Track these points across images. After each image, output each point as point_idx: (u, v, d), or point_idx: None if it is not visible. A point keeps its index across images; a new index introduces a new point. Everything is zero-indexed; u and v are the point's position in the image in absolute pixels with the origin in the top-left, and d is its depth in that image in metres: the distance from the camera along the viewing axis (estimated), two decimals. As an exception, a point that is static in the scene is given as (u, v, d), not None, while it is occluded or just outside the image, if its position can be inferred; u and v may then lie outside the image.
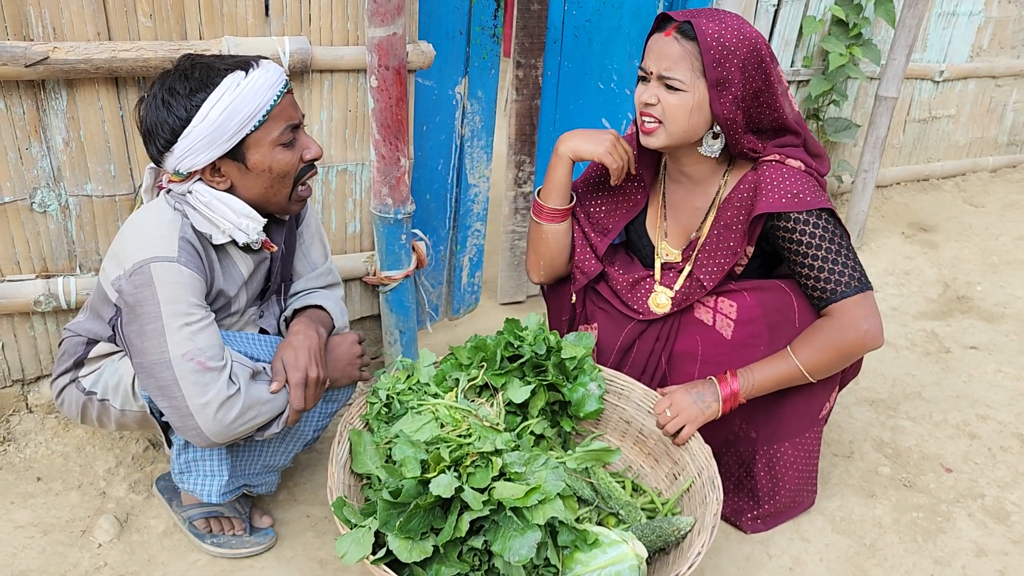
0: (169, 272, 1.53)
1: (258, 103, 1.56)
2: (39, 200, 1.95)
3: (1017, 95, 4.54)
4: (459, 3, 2.44)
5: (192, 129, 1.54)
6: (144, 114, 1.58)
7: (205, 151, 1.56)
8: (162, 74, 1.59)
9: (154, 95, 1.57)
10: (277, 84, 1.59)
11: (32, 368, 2.14)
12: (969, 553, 2.03)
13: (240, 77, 1.55)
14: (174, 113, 1.54)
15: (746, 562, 1.97)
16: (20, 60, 1.75)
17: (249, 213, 1.65)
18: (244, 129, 1.57)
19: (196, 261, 1.59)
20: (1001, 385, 2.73)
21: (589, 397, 1.98)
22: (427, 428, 1.73)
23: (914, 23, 3.22)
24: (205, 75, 1.54)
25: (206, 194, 1.61)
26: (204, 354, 1.53)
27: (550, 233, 2.09)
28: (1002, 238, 3.92)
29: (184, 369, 1.51)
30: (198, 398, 1.51)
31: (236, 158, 1.60)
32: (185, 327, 1.53)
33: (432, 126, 2.54)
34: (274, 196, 1.67)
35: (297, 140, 1.65)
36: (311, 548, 1.91)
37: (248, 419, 1.58)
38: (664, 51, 1.79)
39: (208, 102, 1.53)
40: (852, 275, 1.85)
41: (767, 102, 1.82)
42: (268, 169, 1.62)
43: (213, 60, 1.58)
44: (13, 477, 2.01)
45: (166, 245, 1.56)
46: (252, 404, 1.58)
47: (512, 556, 1.51)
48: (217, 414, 1.53)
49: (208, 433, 1.54)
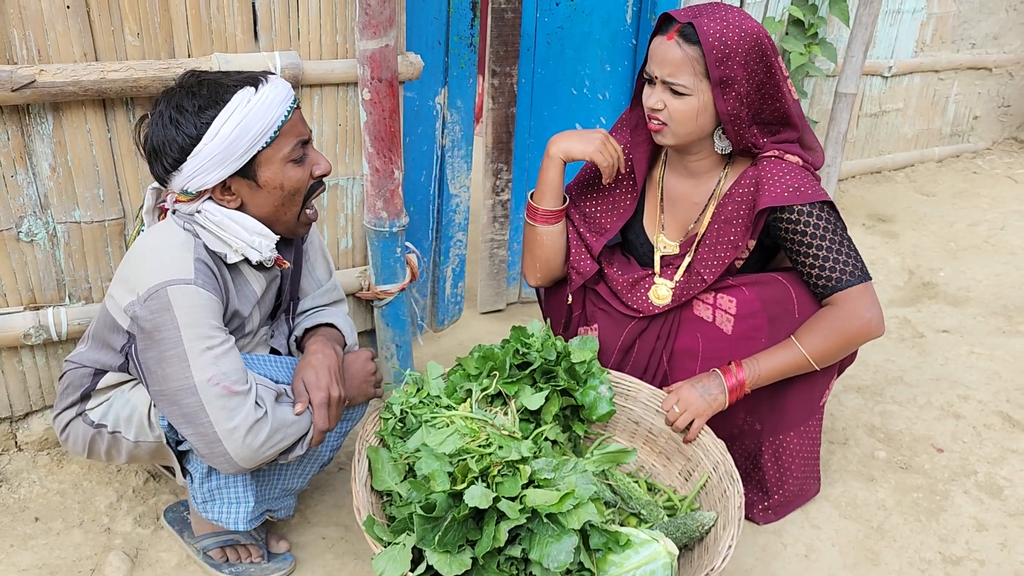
0: (187, 295, 1.49)
1: (269, 119, 1.53)
2: (26, 229, 1.88)
3: (958, 88, 4.73)
4: (437, 14, 2.44)
5: (203, 147, 1.50)
6: (150, 133, 1.54)
7: (216, 169, 1.52)
8: (166, 92, 1.55)
9: (160, 113, 1.52)
10: (287, 99, 1.56)
11: (21, 404, 2.05)
12: (971, 529, 2.10)
13: (250, 93, 1.52)
14: (183, 131, 1.50)
15: (763, 552, 2.00)
16: (6, 84, 1.69)
17: (261, 231, 1.61)
18: (256, 146, 1.53)
19: (213, 282, 1.55)
20: (976, 366, 2.83)
21: (601, 400, 1.99)
22: (451, 440, 1.71)
23: (870, 20, 3.33)
24: (214, 91, 1.51)
25: (216, 213, 1.57)
26: (229, 378, 1.49)
27: (545, 235, 2.09)
28: (956, 225, 4.07)
29: (210, 394, 1.47)
30: (226, 423, 1.48)
31: (247, 176, 1.56)
32: (208, 351, 1.48)
33: (415, 137, 2.53)
34: (284, 214, 1.63)
35: (307, 156, 1.63)
36: (331, 570, 1.87)
37: (275, 442, 1.54)
38: (667, 56, 1.82)
39: (219, 119, 1.49)
40: (855, 265, 1.90)
41: (770, 93, 1.86)
42: (280, 186, 1.59)
43: (220, 76, 1.54)
44: (9, 519, 1.93)
45: (182, 267, 1.51)
46: (279, 427, 1.55)
47: (551, 563, 1.50)
48: (246, 439, 1.49)
49: (237, 459, 1.50)
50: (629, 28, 2.99)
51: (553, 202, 2.06)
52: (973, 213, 4.20)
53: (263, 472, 1.70)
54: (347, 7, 2.04)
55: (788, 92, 1.90)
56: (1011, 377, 2.76)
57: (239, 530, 1.69)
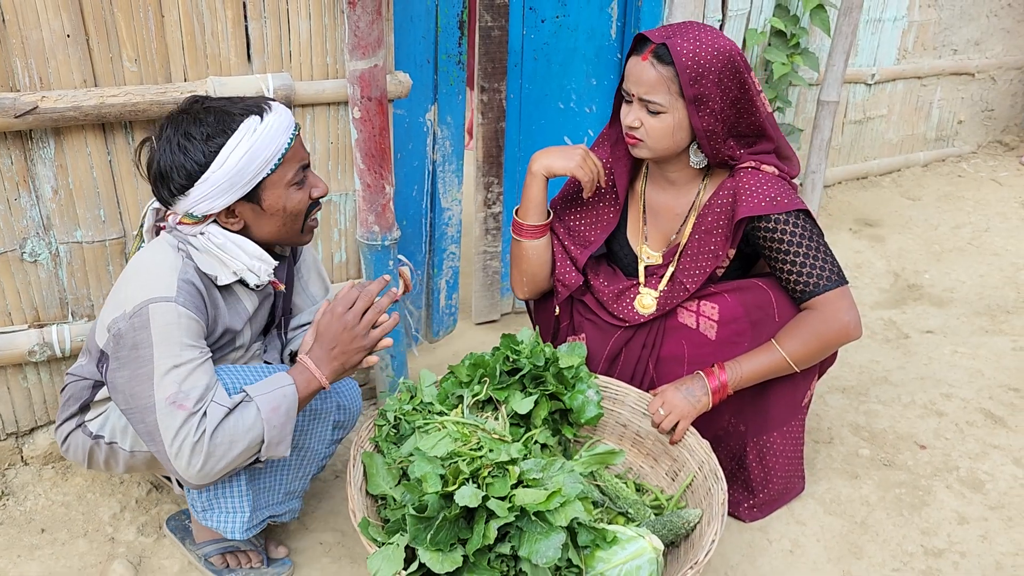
0: (166, 313, 1.54)
1: (275, 147, 1.59)
2: (29, 250, 1.95)
3: (941, 93, 4.82)
4: (426, 33, 2.52)
5: (211, 175, 1.56)
6: (157, 157, 1.59)
7: (223, 196, 1.58)
8: (171, 117, 1.61)
9: (168, 139, 1.57)
10: (290, 127, 1.63)
11: (26, 420, 2.11)
12: (952, 522, 2.16)
13: (256, 122, 1.58)
14: (191, 158, 1.55)
15: (749, 549, 2.05)
16: (10, 111, 1.76)
17: (262, 256, 1.68)
18: (262, 173, 1.60)
19: (196, 301, 1.59)
20: (959, 365, 2.90)
21: (589, 403, 2.05)
22: (442, 444, 1.77)
23: (850, 30, 3.42)
24: (221, 119, 1.56)
25: (220, 236, 1.64)
26: (187, 396, 1.52)
27: (530, 249, 2.16)
28: (940, 228, 4.14)
29: (164, 412, 1.51)
30: (173, 443, 1.51)
31: (252, 200, 1.63)
32: (174, 369, 1.53)
33: (406, 153, 2.60)
34: (286, 234, 1.70)
35: (307, 179, 1.70)
36: (328, 574, 1.93)
37: (222, 455, 1.55)
38: (642, 76, 1.89)
39: (227, 147, 1.55)
40: (831, 270, 1.97)
41: (745, 108, 1.93)
42: (282, 209, 1.65)
43: (225, 103, 1.60)
44: (16, 531, 1.98)
45: (165, 285, 1.56)
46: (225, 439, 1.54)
47: (539, 559, 1.56)
48: (191, 459, 1.52)
49: (186, 476, 1.54)
50: (614, 43, 3.07)
51: (537, 217, 2.13)
52: (958, 216, 4.28)
53: (260, 479, 1.76)
54: (336, 29, 2.11)
55: (762, 105, 1.97)
56: (994, 375, 2.83)
57: (236, 539, 1.74)
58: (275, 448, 1.61)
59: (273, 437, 1.59)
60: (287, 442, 1.63)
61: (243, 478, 1.71)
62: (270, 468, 1.76)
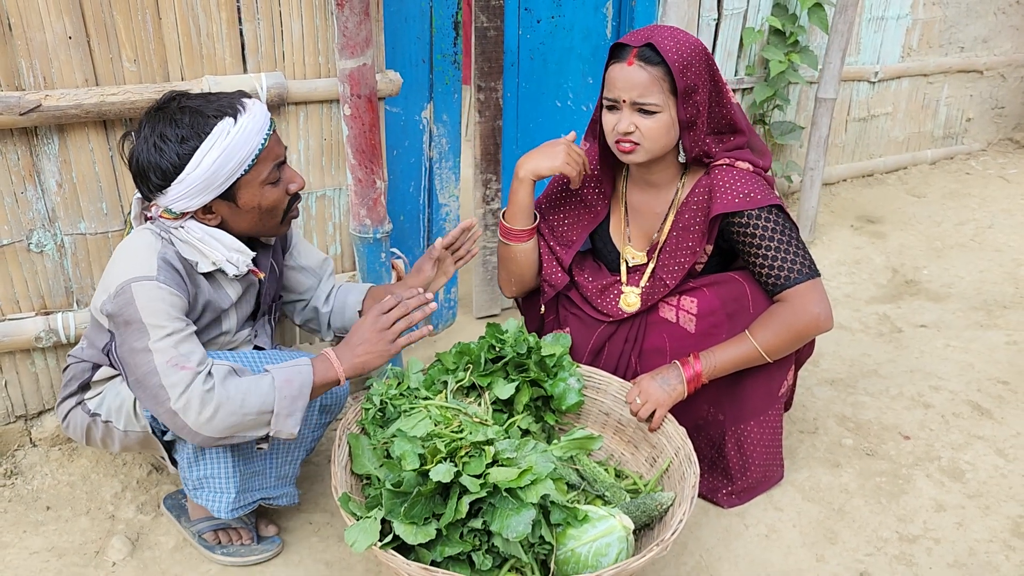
0: (148, 290, 1.62)
1: (248, 149, 1.66)
2: (35, 241, 2.05)
3: (948, 91, 4.81)
4: (421, 33, 2.60)
5: (185, 176, 1.63)
6: (136, 155, 1.66)
7: (198, 196, 1.67)
8: (149, 113, 1.67)
9: (145, 138, 1.65)
10: (264, 127, 1.69)
11: (34, 403, 2.22)
12: (929, 509, 2.19)
13: (229, 125, 1.64)
14: (166, 159, 1.63)
15: (725, 533, 2.11)
16: (15, 109, 1.86)
17: (240, 248, 1.76)
18: (236, 174, 1.67)
19: (176, 279, 1.67)
20: (950, 358, 2.92)
21: (569, 391, 2.12)
22: (422, 425, 1.85)
23: (846, 28, 3.45)
24: (194, 122, 1.63)
25: (198, 231, 1.72)
26: (186, 359, 1.60)
27: (519, 252, 2.22)
28: (944, 224, 4.15)
29: (167, 373, 1.59)
30: (180, 398, 1.58)
31: (227, 198, 1.71)
32: (167, 337, 1.61)
33: (402, 150, 2.68)
34: (263, 227, 1.79)
35: (282, 176, 1.78)
36: (316, 551, 2.01)
37: (234, 410, 1.61)
38: (632, 80, 1.93)
39: (200, 151, 1.62)
40: (802, 263, 2.02)
41: (719, 100, 2.00)
42: (257, 206, 1.74)
43: (201, 104, 1.66)
44: (23, 508, 2.09)
45: (146, 266, 1.64)
46: (233, 395, 1.61)
47: (510, 533, 1.63)
48: (201, 412, 1.58)
49: (197, 429, 1.60)
50: (609, 42, 3.13)
51: (525, 221, 2.19)
52: (962, 212, 4.28)
53: (252, 463, 1.84)
54: (328, 30, 2.20)
55: (731, 97, 2.03)
56: (984, 368, 2.85)
57: (223, 517, 1.83)
58: (284, 421, 1.67)
59: (283, 408, 1.65)
60: (296, 418, 1.68)
61: (231, 460, 1.80)
62: (259, 452, 1.84)
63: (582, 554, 1.72)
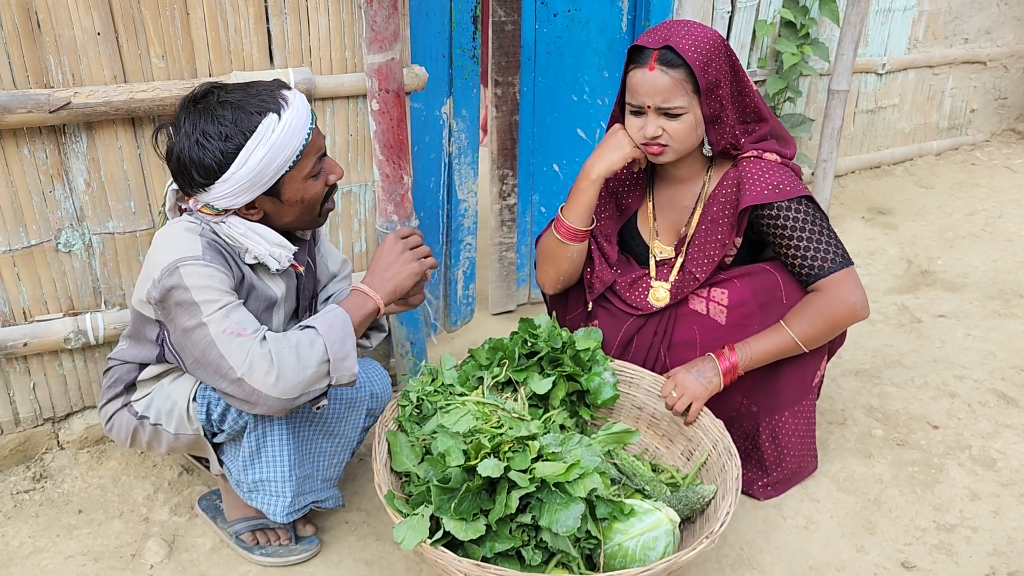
0: (196, 268, 1.60)
1: (294, 145, 1.63)
2: (64, 240, 2.02)
3: (953, 82, 4.83)
4: (441, 28, 2.58)
5: (231, 175, 1.60)
6: (176, 151, 1.63)
7: (244, 194, 1.64)
8: (187, 108, 1.63)
9: (186, 134, 1.60)
10: (307, 121, 1.66)
11: (62, 405, 2.19)
12: (964, 498, 2.19)
13: (274, 122, 1.60)
14: (210, 157, 1.59)
15: (764, 525, 2.10)
16: (44, 106, 1.83)
17: (282, 243, 1.74)
18: (282, 171, 1.65)
19: (220, 259, 1.65)
20: (972, 347, 2.93)
21: (605, 385, 2.10)
22: (464, 421, 1.83)
23: (858, 19, 3.45)
24: (237, 119, 1.59)
25: (240, 226, 1.70)
26: (241, 327, 1.58)
27: (575, 251, 2.17)
28: (954, 215, 4.16)
29: (224, 341, 1.56)
30: (243, 364, 1.54)
31: (271, 194, 1.68)
32: (219, 310, 1.58)
33: (423, 146, 2.66)
34: (304, 220, 1.77)
35: (323, 167, 1.75)
36: (355, 550, 1.99)
37: (293, 368, 1.57)
38: (655, 85, 1.91)
39: (246, 149, 1.59)
40: (836, 252, 2.02)
41: (741, 90, 2.00)
42: (301, 200, 1.71)
43: (242, 99, 1.61)
44: (54, 512, 2.06)
45: (190, 247, 1.62)
46: (293, 349, 1.58)
47: (559, 528, 1.62)
48: (267, 375, 1.55)
49: (267, 392, 1.56)
50: (625, 35, 3.12)
51: (588, 222, 2.13)
52: (971, 203, 4.29)
53: (304, 466, 1.81)
54: (354, 25, 2.18)
55: (751, 84, 2.03)
56: (1006, 357, 2.85)
57: (278, 521, 1.80)
58: (341, 366, 1.63)
59: (337, 352, 1.62)
60: (352, 359, 1.65)
61: (288, 463, 1.77)
62: (309, 456, 1.82)
63: (629, 548, 1.71)
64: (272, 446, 1.74)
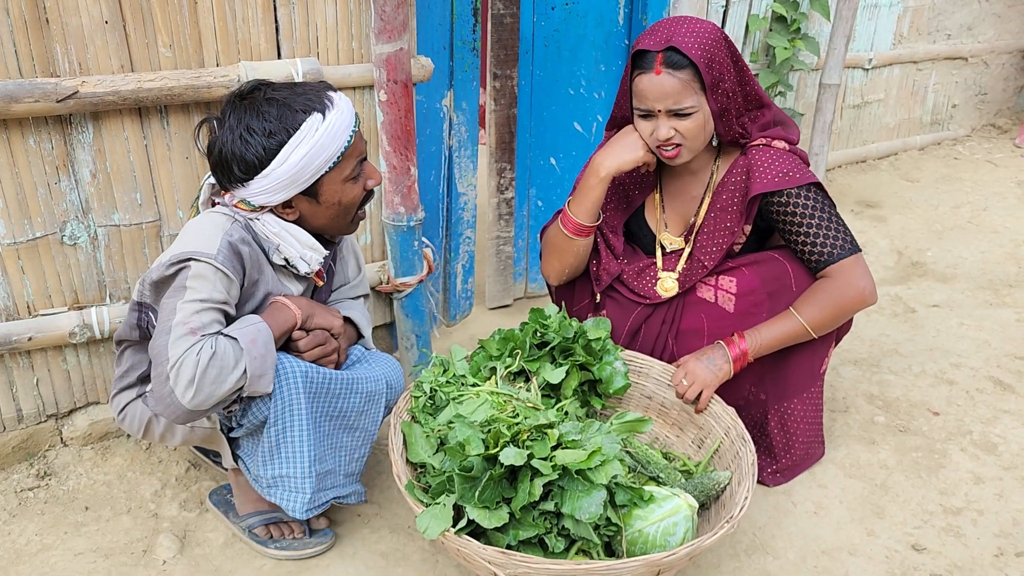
0: (203, 268, 1.59)
1: (336, 146, 1.62)
2: (69, 233, 1.99)
3: (936, 78, 4.90)
4: (442, 20, 2.57)
5: (271, 172, 1.59)
6: (219, 145, 1.61)
7: (282, 191, 1.63)
8: (234, 104, 1.62)
9: (230, 128, 1.59)
10: (351, 124, 1.65)
11: (65, 401, 2.16)
12: (968, 482, 2.22)
13: (318, 121, 1.60)
14: (252, 152, 1.58)
15: (775, 511, 2.12)
16: (51, 96, 1.80)
17: (314, 245, 1.73)
18: (321, 171, 1.64)
19: (234, 264, 1.63)
20: (966, 336, 2.97)
21: (616, 374, 2.11)
22: (482, 410, 1.83)
23: (849, 14, 3.49)
24: (282, 115, 1.58)
25: (275, 225, 1.69)
26: (201, 326, 1.55)
27: (581, 245, 2.18)
28: (940, 208, 4.22)
29: (177, 332, 1.53)
30: (176, 358, 1.51)
31: (308, 194, 1.67)
32: (195, 302, 1.56)
33: (424, 139, 2.65)
34: (338, 224, 1.76)
35: (363, 171, 1.74)
36: (369, 543, 1.98)
37: (217, 381, 1.54)
38: (664, 89, 1.91)
39: (288, 146, 1.58)
40: (844, 239, 2.04)
41: (742, 79, 2.01)
42: (338, 202, 1.71)
43: (288, 97, 1.61)
44: (60, 509, 2.03)
45: (209, 244, 1.61)
46: (215, 363, 1.55)
47: (582, 514, 1.62)
48: (189, 385, 1.51)
49: (180, 397, 1.52)
50: (621, 29, 3.13)
51: (595, 217, 2.14)
52: (956, 196, 4.36)
53: (325, 462, 1.79)
54: (362, 15, 2.17)
55: (750, 71, 2.05)
56: (1000, 345, 2.90)
57: (297, 517, 1.78)
58: (258, 383, 1.61)
59: (255, 369, 1.59)
60: (269, 376, 1.63)
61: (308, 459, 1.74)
62: (331, 451, 1.80)
63: (650, 534, 1.72)
64: (292, 441, 1.72)
